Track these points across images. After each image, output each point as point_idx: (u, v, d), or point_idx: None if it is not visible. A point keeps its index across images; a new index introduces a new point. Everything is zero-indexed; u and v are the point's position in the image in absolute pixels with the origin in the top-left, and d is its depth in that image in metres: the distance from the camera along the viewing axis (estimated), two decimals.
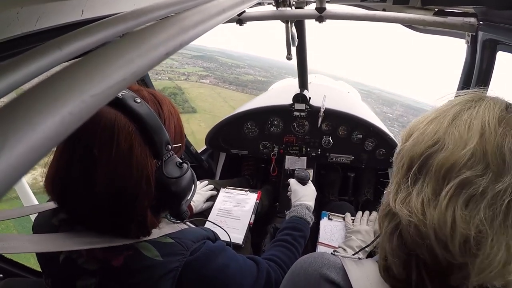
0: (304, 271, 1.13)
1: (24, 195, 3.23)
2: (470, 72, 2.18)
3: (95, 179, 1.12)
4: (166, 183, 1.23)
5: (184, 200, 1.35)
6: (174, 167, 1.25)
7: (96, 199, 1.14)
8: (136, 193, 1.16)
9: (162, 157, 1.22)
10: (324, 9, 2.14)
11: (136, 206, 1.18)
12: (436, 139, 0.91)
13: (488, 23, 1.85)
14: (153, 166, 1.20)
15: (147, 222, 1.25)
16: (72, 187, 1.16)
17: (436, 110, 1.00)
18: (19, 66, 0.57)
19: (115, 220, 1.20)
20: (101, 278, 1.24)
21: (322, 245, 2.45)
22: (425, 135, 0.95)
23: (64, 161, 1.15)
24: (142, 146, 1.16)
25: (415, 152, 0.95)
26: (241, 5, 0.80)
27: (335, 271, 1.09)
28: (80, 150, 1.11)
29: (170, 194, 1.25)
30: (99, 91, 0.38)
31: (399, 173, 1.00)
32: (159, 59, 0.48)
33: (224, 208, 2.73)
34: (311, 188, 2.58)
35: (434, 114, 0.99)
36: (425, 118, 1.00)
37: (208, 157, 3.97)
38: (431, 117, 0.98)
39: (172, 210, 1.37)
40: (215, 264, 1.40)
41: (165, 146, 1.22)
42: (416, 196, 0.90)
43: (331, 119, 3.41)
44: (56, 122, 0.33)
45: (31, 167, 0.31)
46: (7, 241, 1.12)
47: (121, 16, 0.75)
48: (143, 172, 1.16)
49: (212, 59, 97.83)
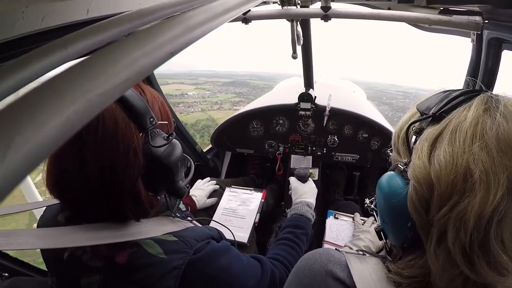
0: (310, 267, 1.12)
1: (29, 192, 3.25)
2: (476, 71, 2.17)
3: (86, 158, 1.15)
4: (154, 155, 1.24)
5: (178, 174, 1.36)
6: (161, 140, 1.27)
7: (89, 180, 1.16)
8: (124, 164, 1.18)
9: (147, 129, 1.24)
10: (329, 8, 2.13)
11: (125, 177, 1.20)
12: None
13: (493, 22, 1.84)
14: (139, 139, 1.22)
15: (141, 198, 1.26)
16: (67, 173, 1.19)
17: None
18: (24, 65, 0.57)
19: (108, 199, 1.22)
20: (105, 275, 1.26)
21: (328, 243, 2.44)
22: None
23: (56, 151, 1.16)
24: (126, 121, 1.19)
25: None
26: (246, 4, 0.80)
27: (340, 268, 1.08)
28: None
29: (160, 166, 1.26)
30: (105, 90, 0.38)
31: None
32: (164, 58, 0.48)
33: (229, 207, 2.73)
34: (311, 185, 2.60)
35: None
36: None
37: (213, 156, 3.98)
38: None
39: (167, 186, 1.37)
40: (219, 264, 1.40)
41: (149, 119, 1.25)
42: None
43: (337, 118, 3.41)
44: (62, 121, 0.33)
45: (36, 166, 0.31)
46: (11, 237, 1.13)
47: (127, 15, 0.75)
48: (130, 145, 1.19)
49: (244, 83, 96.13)
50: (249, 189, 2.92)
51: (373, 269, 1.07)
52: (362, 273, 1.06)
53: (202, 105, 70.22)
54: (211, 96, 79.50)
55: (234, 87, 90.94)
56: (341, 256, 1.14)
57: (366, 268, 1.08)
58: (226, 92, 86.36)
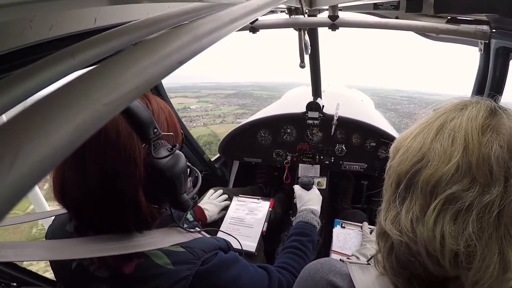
0: (312, 277, 1.14)
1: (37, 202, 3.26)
2: (484, 80, 2.16)
3: (86, 167, 1.15)
4: (156, 166, 1.23)
5: (182, 187, 1.33)
6: (165, 151, 1.25)
7: (89, 189, 1.16)
8: (125, 174, 1.18)
9: (150, 140, 1.22)
10: (337, 17, 2.14)
11: (125, 188, 1.19)
12: (420, 156, 0.90)
13: (501, 31, 1.83)
14: (141, 149, 1.21)
15: (142, 209, 1.25)
16: (68, 182, 1.19)
17: (421, 124, 0.98)
18: (32, 74, 0.58)
19: (109, 210, 1.22)
20: (112, 285, 1.26)
21: (335, 253, 2.43)
22: (410, 152, 0.94)
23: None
24: (128, 131, 1.18)
25: (401, 170, 0.95)
26: (254, 13, 0.80)
27: (341, 277, 1.09)
28: None
29: (162, 178, 1.25)
30: (113, 100, 0.38)
31: (387, 192, 1.02)
32: (172, 67, 0.48)
33: (237, 216, 2.73)
34: (315, 192, 2.61)
35: (419, 128, 0.97)
36: (411, 133, 0.98)
37: (221, 165, 3.98)
38: (416, 132, 0.97)
39: (170, 198, 1.35)
40: (227, 275, 1.40)
41: (152, 130, 1.23)
42: (405, 214, 0.90)
43: (345, 127, 3.41)
44: (70, 130, 0.33)
45: (45, 175, 0.31)
46: (19, 249, 1.13)
47: (134, 25, 0.75)
48: (131, 155, 1.18)
49: (247, 94, 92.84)
50: (256, 198, 2.91)
51: (376, 279, 1.07)
52: (364, 283, 1.06)
53: (204, 119, 68.18)
54: (214, 109, 77.93)
55: (237, 99, 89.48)
56: (343, 266, 1.14)
57: (369, 278, 1.08)
58: (229, 104, 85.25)
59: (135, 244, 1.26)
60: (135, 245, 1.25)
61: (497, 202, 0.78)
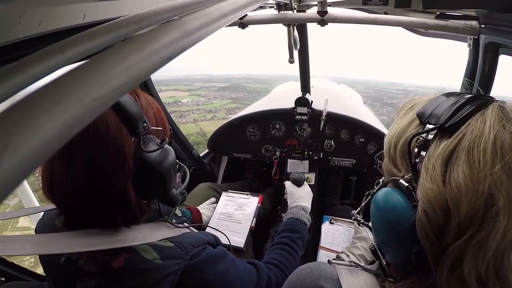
0: (301, 282, 1.13)
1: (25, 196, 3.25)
2: (472, 75, 2.18)
3: (75, 161, 1.14)
4: (146, 160, 1.23)
5: (171, 182, 1.34)
6: (154, 146, 1.26)
7: (78, 183, 1.16)
8: (114, 168, 1.17)
9: (139, 134, 1.22)
10: (326, 13, 2.14)
11: (114, 181, 1.19)
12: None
13: (490, 27, 1.85)
14: (131, 143, 1.21)
15: (131, 203, 1.25)
16: (57, 178, 1.18)
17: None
18: (21, 69, 0.58)
19: (99, 205, 1.21)
20: (100, 279, 1.26)
21: (323, 249, 2.44)
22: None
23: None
24: (118, 125, 1.18)
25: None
26: (243, 9, 0.80)
27: (331, 283, 1.08)
28: None
29: (151, 172, 1.25)
30: (102, 95, 0.38)
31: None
32: (161, 63, 0.48)
33: (226, 212, 2.73)
34: (307, 189, 2.61)
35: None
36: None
37: (210, 161, 3.98)
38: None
39: (160, 193, 1.35)
40: (215, 270, 1.41)
41: (141, 124, 1.23)
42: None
43: (333, 123, 3.42)
44: (58, 125, 0.33)
45: (33, 170, 0.32)
46: (7, 243, 1.13)
47: (123, 20, 0.75)
48: (120, 149, 1.17)
49: (240, 87, 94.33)
50: (245, 193, 2.92)
51: (365, 284, 1.07)
52: (353, 286, 1.06)
53: (195, 114, 68.47)
54: (206, 103, 77.74)
55: (230, 92, 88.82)
56: (333, 271, 1.14)
57: (358, 282, 1.08)
58: (222, 98, 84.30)
59: (124, 238, 1.26)
60: (123, 240, 1.25)
61: None
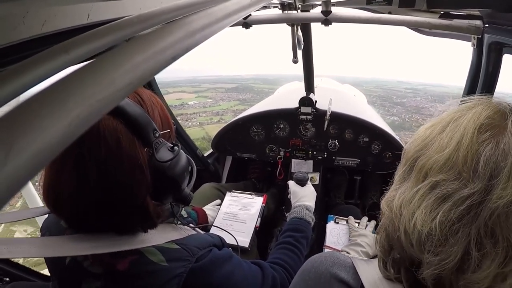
0: (315, 269, 1.13)
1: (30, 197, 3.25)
2: (476, 75, 2.18)
3: (88, 178, 1.12)
4: (161, 168, 1.23)
5: (184, 182, 1.35)
6: (166, 152, 1.25)
7: (91, 197, 1.14)
8: (130, 184, 1.16)
9: (152, 144, 1.22)
10: (329, 12, 2.14)
11: (134, 196, 1.18)
12: (423, 145, 0.95)
13: (494, 26, 1.84)
14: (145, 154, 1.20)
15: (150, 212, 1.25)
16: (65, 192, 1.16)
17: (437, 117, 1.01)
18: (26, 70, 0.57)
19: (115, 216, 1.21)
20: (105, 281, 1.25)
21: (328, 248, 2.44)
22: (417, 140, 0.99)
23: (54, 168, 1.15)
24: (129, 138, 1.16)
25: (407, 155, 1.00)
26: (247, 8, 0.80)
27: (345, 270, 1.10)
28: (69, 153, 1.10)
29: (167, 179, 1.26)
30: (106, 95, 0.38)
31: (397, 174, 1.05)
32: (165, 63, 0.48)
33: (230, 212, 2.72)
34: (310, 188, 2.60)
35: (434, 121, 1.00)
36: (430, 124, 1.01)
37: (214, 161, 3.98)
38: (430, 123, 1.00)
39: (174, 195, 1.36)
40: (221, 272, 1.40)
41: (152, 133, 1.22)
42: (399, 195, 0.95)
43: (337, 123, 3.40)
44: (64, 125, 0.33)
45: (39, 171, 0.32)
46: (13, 245, 1.12)
47: (127, 20, 0.75)
48: (135, 162, 1.16)
49: (248, 88, 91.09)
50: (250, 193, 2.91)
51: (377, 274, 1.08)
52: (369, 273, 1.08)
53: (201, 117, 64.20)
54: (213, 105, 74.74)
55: (238, 93, 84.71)
56: (347, 259, 1.15)
57: (374, 270, 1.09)
58: (229, 99, 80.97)
59: (130, 241, 1.25)
60: (130, 243, 1.24)
61: (475, 199, 0.79)
